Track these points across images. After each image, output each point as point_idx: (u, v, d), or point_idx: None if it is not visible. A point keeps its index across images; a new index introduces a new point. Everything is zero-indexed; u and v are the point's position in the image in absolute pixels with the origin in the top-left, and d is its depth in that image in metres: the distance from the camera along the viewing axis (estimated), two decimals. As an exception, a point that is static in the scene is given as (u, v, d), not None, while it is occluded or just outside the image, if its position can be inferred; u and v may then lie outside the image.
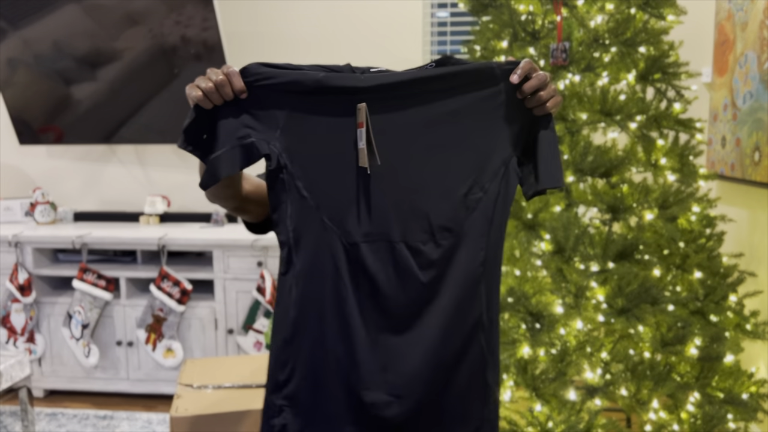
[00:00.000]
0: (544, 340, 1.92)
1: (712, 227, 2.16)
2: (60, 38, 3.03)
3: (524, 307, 1.97)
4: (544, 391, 1.89)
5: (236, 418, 1.83)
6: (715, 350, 1.97)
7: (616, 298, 1.91)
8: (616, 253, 1.95)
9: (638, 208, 1.97)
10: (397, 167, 1.04)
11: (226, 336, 2.93)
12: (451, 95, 1.03)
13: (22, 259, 2.99)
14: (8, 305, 2.99)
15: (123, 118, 3.16)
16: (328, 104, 1.03)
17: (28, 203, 3.35)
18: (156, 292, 2.87)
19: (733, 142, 2.52)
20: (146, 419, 2.81)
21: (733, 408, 1.96)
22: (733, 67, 2.53)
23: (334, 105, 1.03)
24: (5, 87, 3.18)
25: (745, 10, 2.44)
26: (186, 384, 1.99)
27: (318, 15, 3.18)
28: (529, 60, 1.02)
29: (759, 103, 2.31)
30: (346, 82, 1.02)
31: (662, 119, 2.12)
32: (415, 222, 1.03)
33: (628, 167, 2.04)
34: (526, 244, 2.00)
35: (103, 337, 2.99)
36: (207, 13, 2.85)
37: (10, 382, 2.26)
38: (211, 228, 3.11)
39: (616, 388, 1.92)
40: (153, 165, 3.40)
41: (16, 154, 3.46)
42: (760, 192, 2.40)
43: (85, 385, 3.05)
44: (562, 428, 1.82)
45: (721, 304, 2.07)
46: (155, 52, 3.00)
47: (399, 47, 3.16)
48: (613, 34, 2.09)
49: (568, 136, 2.13)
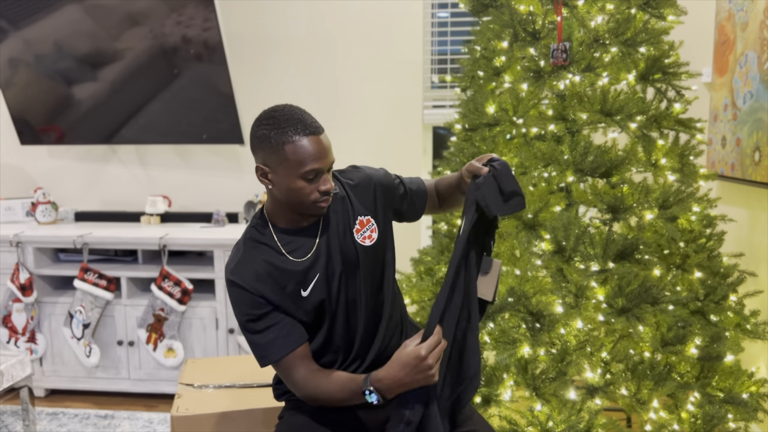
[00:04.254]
0: (545, 339, 1.92)
1: (713, 227, 2.16)
2: (61, 38, 3.03)
3: (524, 307, 1.97)
4: (545, 391, 1.89)
5: (237, 417, 1.83)
6: (715, 350, 1.97)
7: (616, 298, 1.91)
8: (616, 253, 1.95)
9: (638, 208, 1.98)
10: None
11: (227, 336, 2.93)
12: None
13: (24, 258, 2.99)
14: (9, 305, 2.99)
15: (124, 118, 3.17)
16: None
17: (29, 203, 3.36)
18: (157, 291, 2.87)
19: (733, 142, 2.52)
20: (147, 419, 2.81)
21: (733, 408, 1.96)
22: (733, 67, 2.53)
23: None
24: (6, 87, 3.18)
25: (745, 10, 2.44)
26: (187, 384, 2.00)
27: (318, 15, 3.18)
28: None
29: (759, 103, 2.31)
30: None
31: (662, 119, 2.12)
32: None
33: (628, 167, 2.04)
34: (526, 244, 2.00)
35: (104, 336, 3.00)
36: (208, 13, 2.86)
37: (12, 381, 2.27)
38: (211, 228, 3.12)
39: (617, 388, 1.92)
40: (154, 165, 3.41)
41: (18, 154, 3.47)
42: (760, 192, 2.40)
43: (86, 385, 3.05)
44: (563, 428, 1.82)
45: (721, 304, 2.07)
46: (156, 52, 3.00)
47: (399, 47, 3.16)
48: (613, 34, 2.09)
49: (568, 136, 2.13)
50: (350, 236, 1.42)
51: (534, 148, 2.09)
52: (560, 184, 2.15)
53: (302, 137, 1.27)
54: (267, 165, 1.31)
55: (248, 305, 1.35)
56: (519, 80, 2.19)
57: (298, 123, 1.28)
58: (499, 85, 2.27)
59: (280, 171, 1.30)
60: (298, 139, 1.27)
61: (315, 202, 1.32)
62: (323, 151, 1.30)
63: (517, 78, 2.20)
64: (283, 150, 1.27)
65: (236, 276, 1.35)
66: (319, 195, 1.32)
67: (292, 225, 1.40)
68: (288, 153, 1.27)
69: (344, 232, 1.41)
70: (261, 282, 1.35)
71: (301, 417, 1.45)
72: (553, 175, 2.11)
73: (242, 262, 1.37)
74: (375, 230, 1.45)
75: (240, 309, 1.37)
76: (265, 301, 1.35)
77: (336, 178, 1.47)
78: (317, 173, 1.30)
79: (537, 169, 2.09)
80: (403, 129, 3.21)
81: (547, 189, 2.10)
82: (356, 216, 1.43)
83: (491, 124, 2.18)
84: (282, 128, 1.28)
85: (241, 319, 1.37)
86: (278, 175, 1.31)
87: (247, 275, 1.35)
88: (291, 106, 1.33)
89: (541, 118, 2.12)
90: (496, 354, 1.94)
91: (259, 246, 1.38)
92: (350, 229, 1.42)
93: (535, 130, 2.16)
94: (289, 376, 1.37)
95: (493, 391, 1.97)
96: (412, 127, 3.21)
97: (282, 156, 1.28)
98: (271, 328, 1.35)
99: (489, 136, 2.20)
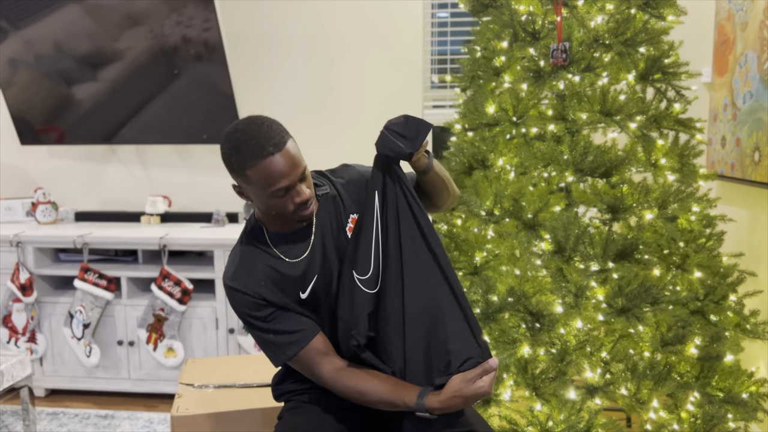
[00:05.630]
0: (544, 339, 1.92)
1: (712, 227, 2.16)
2: (61, 38, 3.03)
3: (524, 307, 1.97)
4: (544, 391, 1.89)
5: (237, 417, 1.83)
6: (715, 350, 1.97)
7: (616, 298, 1.91)
8: (616, 253, 1.95)
9: (638, 208, 1.98)
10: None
11: (227, 336, 2.93)
12: None
13: (24, 258, 2.99)
14: (10, 305, 2.99)
15: (124, 118, 3.17)
16: None
17: (29, 203, 3.36)
18: (157, 291, 2.87)
19: (733, 142, 2.52)
20: (147, 419, 2.81)
21: (733, 407, 1.96)
22: (733, 67, 2.53)
23: None
24: (6, 87, 3.18)
25: (745, 10, 2.44)
26: (187, 383, 2.00)
27: (318, 15, 3.18)
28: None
29: (759, 103, 2.31)
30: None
31: (662, 119, 2.12)
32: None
33: (628, 167, 2.04)
34: (526, 244, 2.00)
35: (105, 336, 3.00)
36: (208, 13, 2.86)
37: (12, 381, 2.27)
38: (212, 228, 3.12)
39: (616, 388, 1.92)
40: (154, 165, 3.41)
41: (18, 154, 3.47)
42: (760, 192, 2.40)
43: (87, 385, 3.05)
44: (562, 428, 1.83)
45: (721, 304, 2.07)
46: (156, 52, 3.00)
47: (399, 47, 3.16)
48: (613, 34, 2.09)
49: (568, 136, 2.13)
50: (344, 235, 1.42)
51: (534, 148, 2.09)
52: (560, 184, 2.15)
53: (261, 160, 1.23)
54: (238, 185, 1.32)
55: (252, 308, 1.35)
56: (519, 80, 2.19)
57: (255, 145, 1.23)
58: (499, 85, 2.27)
59: (251, 191, 1.30)
60: (258, 162, 1.23)
61: (295, 212, 1.32)
62: (286, 168, 1.25)
63: (517, 78, 2.20)
64: (245, 175, 1.25)
65: (236, 282, 1.35)
66: (296, 206, 1.31)
67: (285, 229, 1.39)
68: (251, 177, 1.25)
69: (338, 231, 1.41)
70: (261, 286, 1.35)
71: (300, 417, 1.45)
72: (552, 175, 2.11)
73: (240, 268, 1.36)
74: None
75: (244, 312, 1.36)
76: (267, 302, 1.35)
77: (327, 177, 1.47)
78: (287, 189, 1.27)
79: (537, 169, 2.09)
80: (403, 129, 3.21)
81: (547, 189, 2.10)
82: (348, 214, 1.43)
83: (491, 124, 2.18)
84: (241, 152, 1.24)
85: (247, 321, 1.37)
86: (251, 194, 1.31)
87: (246, 280, 1.35)
88: (251, 121, 1.28)
89: (540, 118, 2.12)
90: (496, 354, 1.94)
91: (255, 251, 1.38)
92: (344, 228, 1.42)
93: (534, 130, 2.16)
94: (313, 372, 1.36)
95: (493, 391, 1.97)
96: (412, 127, 3.21)
97: (247, 179, 1.26)
98: (278, 326, 1.35)
99: (489, 136, 2.21)
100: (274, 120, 1.30)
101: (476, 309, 1.99)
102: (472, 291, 2.04)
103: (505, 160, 2.17)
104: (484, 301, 1.99)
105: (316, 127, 3.27)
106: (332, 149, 3.23)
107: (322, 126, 3.26)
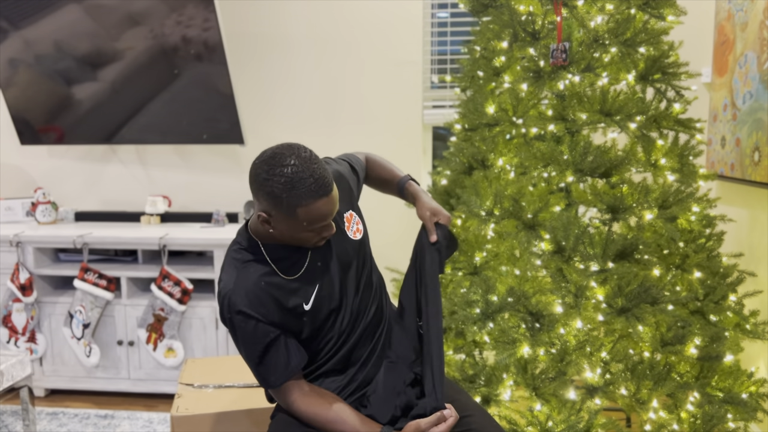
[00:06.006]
0: (544, 339, 1.93)
1: (712, 227, 2.16)
2: (61, 38, 3.03)
3: (524, 307, 1.97)
4: (544, 391, 1.89)
5: (237, 417, 1.83)
6: (715, 350, 1.97)
7: (616, 298, 1.92)
8: (616, 253, 1.95)
9: (638, 208, 1.98)
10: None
11: (227, 336, 2.93)
12: None
13: (24, 258, 2.99)
14: (9, 305, 2.99)
15: (124, 118, 3.17)
16: None
17: (29, 203, 3.36)
18: (157, 291, 2.87)
19: (732, 142, 2.52)
20: (147, 419, 2.81)
21: (732, 407, 1.96)
22: (733, 67, 2.53)
23: None
24: (6, 87, 3.18)
25: (745, 10, 2.44)
26: (187, 383, 2.00)
27: (319, 15, 3.18)
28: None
29: (759, 103, 2.32)
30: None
31: (662, 119, 2.13)
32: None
33: (628, 167, 2.04)
34: (526, 244, 2.00)
35: (104, 336, 3.00)
36: (208, 13, 2.86)
37: (11, 381, 2.27)
38: (211, 228, 3.12)
39: (616, 388, 1.92)
40: (154, 165, 3.41)
41: (18, 154, 3.47)
42: (760, 192, 2.40)
43: (86, 385, 3.05)
44: (562, 428, 1.83)
45: (721, 304, 2.07)
46: (156, 52, 3.00)
47: (399, 47, 3.16)
48: (613, 34, 2.10)
49: (568, 136, 2.14)
50: (342, 235, 1.42)
51: (534, 148, 2.09)
52: (560, 184, 2.15)
53: (316, 200, 1.21)
54: (271, 215, 1.26)
55: (254, 335, 1.31)
56: (519, 80, 2.19)
57: (312, 184, 1.20)
58: (499, 85, 2.27)
59: (286, 224, 1.26)
60: (312, 202, 1.21)
61: (315, 243, 1.32)
62: (333, 209, 1.26)
63: (517, 78, 2.20)
64: (295, 213, 1.22)
65: (237, 299, 1.30)
66: (320, 238, 1.31)
67: (283, 243, 1.36)
68: (300, 215, 1.22)
69: (337, 233, 1.41)
70: (264, 305, 1.31)
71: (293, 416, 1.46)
72: (552, 175, 2.11)
73: (238, 287, 1.31)
74: (359, 222, 1.47)
75: (245, 340, 1.33)
76: (270, 325, 1.31)
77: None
78: (324, 226, 1.28)
79: (537, 169, 2.10)
80: (403, 129, 3.21)
81: (547, 189, 2.10)
82: (342, 214, 1.45)
83: (491, 124, 2.19)
84: (296, 190, 1.20)
85: (244, 351, 1.34)
86: (283, 225, 1.27)
87: (245, 300, 1.30)
88: (300, 155, 1.22)
89: (540, 119, 2.12)
90: (495, 354, 1.94)
91: (252, 264, 1.34)
92: (341, 228, 1.42)
93: (534, 130, 2.16)
94: (284, 398, 1.37)
95: (493, 390, 1.97)
96: (412, 127, 3.21)
97: (293, 215, 1.23)
98: (272, 356, 1.33)
99: (489, 136, 2.21)
100: (315, 153, 1.27)
101: (476, 309, 1.99)
102: (472, 291, 2.04)
103: (505, 160, 2.17)
104: (483, 301, 1.99)
105: (316, 126, 3.27)
106: (332, 149, 3.23)
107: (322, 126, 3.27)
